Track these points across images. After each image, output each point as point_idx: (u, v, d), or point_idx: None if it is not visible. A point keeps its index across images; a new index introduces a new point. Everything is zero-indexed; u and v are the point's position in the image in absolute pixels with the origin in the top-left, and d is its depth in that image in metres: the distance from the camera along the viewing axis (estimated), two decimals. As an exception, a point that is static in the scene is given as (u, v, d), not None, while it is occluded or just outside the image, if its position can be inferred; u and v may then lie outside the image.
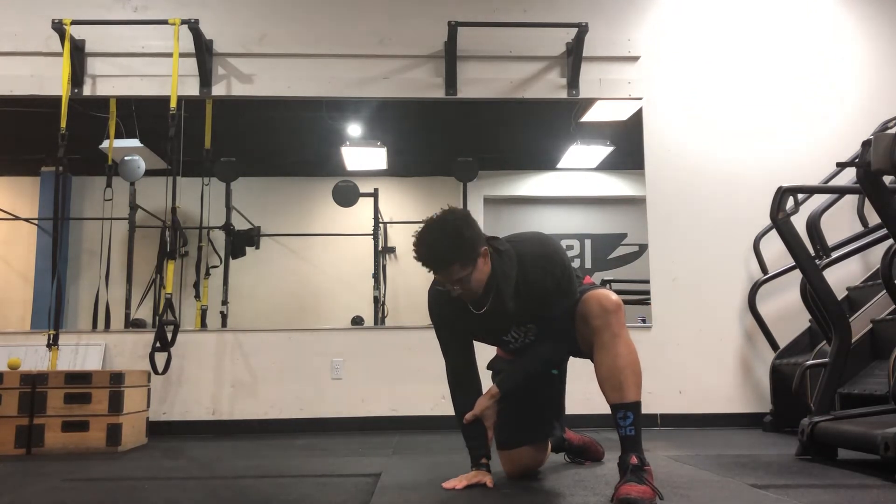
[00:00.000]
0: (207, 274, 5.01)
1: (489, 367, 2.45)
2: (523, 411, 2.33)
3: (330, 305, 5.84)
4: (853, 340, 3.02)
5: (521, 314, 2.17)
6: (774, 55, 4.49)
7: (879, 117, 4.31)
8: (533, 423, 2.36)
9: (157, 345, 3.73)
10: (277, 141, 5.55)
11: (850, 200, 4.17)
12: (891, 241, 2.86)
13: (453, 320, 2.20)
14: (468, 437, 2.22)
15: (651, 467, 1.97)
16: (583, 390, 3.83)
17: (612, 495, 1.91)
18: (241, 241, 5.34)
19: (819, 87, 4.47)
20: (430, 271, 2.05)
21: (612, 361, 2.02)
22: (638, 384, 2.02)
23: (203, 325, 4.72)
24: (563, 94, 4.40)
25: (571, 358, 2.40)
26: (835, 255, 3.49)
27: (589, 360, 2.17)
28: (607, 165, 5.49)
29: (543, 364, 2.25)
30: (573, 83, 4.36)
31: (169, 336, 3.78)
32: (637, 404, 2.01)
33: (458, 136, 5.40)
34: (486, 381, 2.31)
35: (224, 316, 5.12)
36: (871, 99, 4.44)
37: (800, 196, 2.90)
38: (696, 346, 4.22)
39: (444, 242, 1.99)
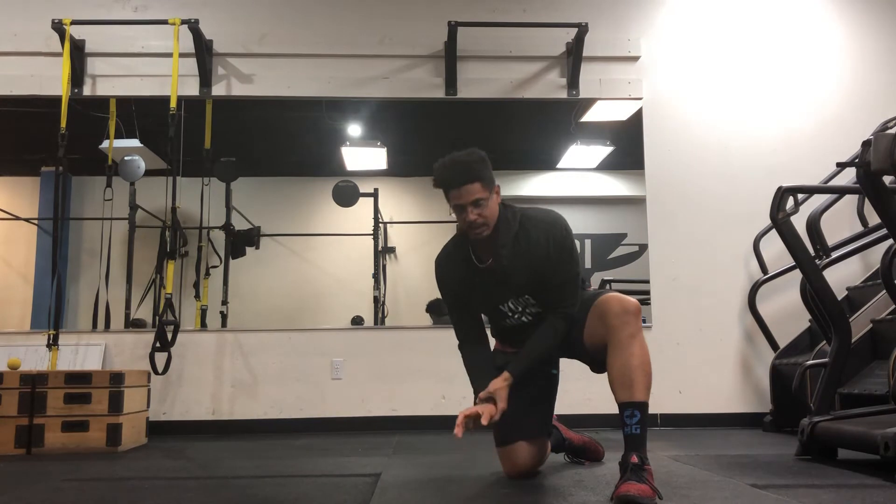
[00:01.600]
0: (207, 274, 5.01)
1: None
2: (521, 408, 2.32)
3: (330, 305, 5.84)
4: (853, 340, 3.02)
5: (519, 276, 2.21)
6: (774, 56, 4.49)
7: (879, 117, 4.31)
8: (531, 419, 2.36)
9: (157, 345, 3.73)
10: (277, 141, 5.54)
11: (850, 200, 4.17)
12: (891, 241, 2.86)
13: (457, 285, 2.28)
14: (474, 376, 2.28)
15: (651, 467, 1.97)
16: (583, 390, 3.87)
17: (612, 493, 1.91)
18: (241, 241, 5.33)
19: (819, 87, 4.47)
20: (448, 192, 2.13)
21: (626, 360, 2.04)
22: (648, 386, 2.03)
23: (203, 325, 4.71)
24: (563, 94, 4.40)
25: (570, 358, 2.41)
26: (835, 255, 3.49)
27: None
28: (607, 165, 5.48)
29: (550, 349, 2.27)
30: (573, 83, 4.36)
31: (169, 336, 3.78)
32: (645, 405, 2.02)
33: (458, 136, 5.39)
34: (466, 385, 2.33)
35: (224, 316, 5.12)
36: (872, 99, 4.44)
37: (800, 196, 2.89)
38: (696, 346, 4.22)
39: (470, 159, 2.12)
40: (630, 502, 1.84)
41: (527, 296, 2.27)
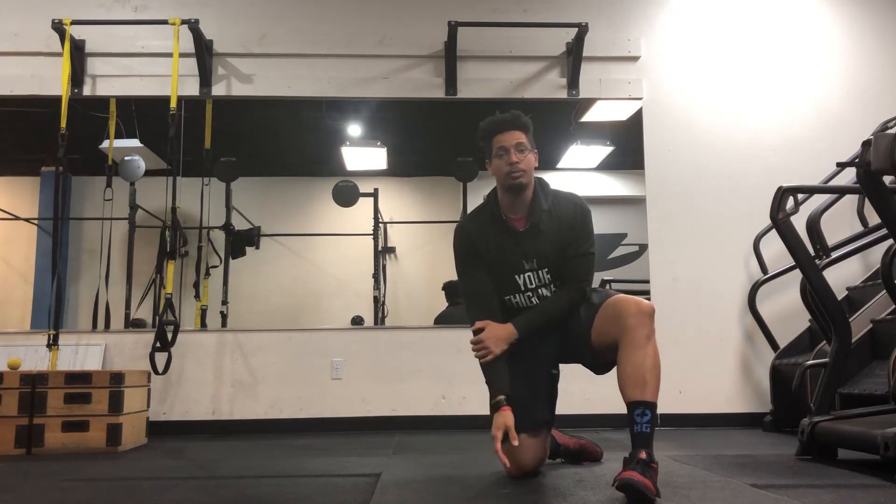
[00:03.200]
0: (207, 274, 5.01)
1: None
2: (525, 401, 2.32)
3: (330, 305, 5.84)
4: (853, 340, 3.02)
5: (546, 244, 2.29)
6: (774, 55, 4.49)
7: (880, 117, 4.31)
8: (534, 416, 2.35)
9: (157, 345, 3.73)
10: (277, 141, 5.54)
11: (850, 200, 4.17)
12: (891, 241, 2.86)
13: (481, 244, 2.31)
14: (489, 376, 2.29)
15: (658, 465, 1.97)
16: (582, 391, 3.87)
17: (615, 477, 1.91)
18: (241, 241, 5.33)
19: (819, 87, 4.47)
20: (493, 137, 2.30)
21: (641, 360, 2.08)
22: (658, 387, 2.09)
23: (203, 325, 4.71)
24: (563, 94, 4.40)
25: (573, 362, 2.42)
26: (835, 255, 3.49)
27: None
28: (607, 165, 5.48)
29: (562, 313, 2.32)
30: (573, 83, 4.36)
31: (169, 336, 3.78)
32: (655, 406, 2.06)
33: (458, 136, 5.39)
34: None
35: (224, 316, 5.12)
36: (871, 98, 4.44)
37: (800, 196, 2.89)
38: (696, 346, 4.22)
39: (519, 114, 2.32)
40: (631, 487, 1.84)
41: (546, 269, 2.32)
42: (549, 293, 2.35)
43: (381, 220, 5.69)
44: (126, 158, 4.71)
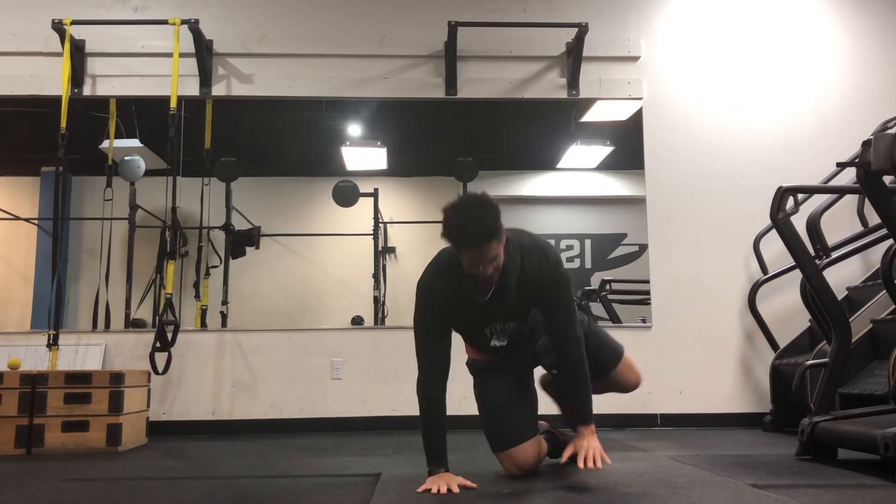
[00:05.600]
0: (207, 274, 5.01)
1: (468, 364, 2.51)
2: (518, 411, 2.37)
3: (330, 305, 5.84)
4: (853, 340, 3.02)
5: (516, 306, 2.24)
6: (774, 55, 4.49)
7: (880, 116, 4.31)
8: (528, 419, 2.40)
9: (157, 345, 3.73)
10: (277, 141, 5.54)
11: (850, 200, 4.17)
12: (891, 241, 2.86)
13: (444, 312, 2.21)
14: (430, 442, 2.21)
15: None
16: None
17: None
18: (241, 241, 5.33)
19: (819, 87, 4.47)
20: (461, 250, 2.05)
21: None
22: None
23: (203, 325, 4.71)
24: (563, 94, 4.40)
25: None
26: (835, 255, 3.49)
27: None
28: (607, 165, 5.48)
29: (587, 378, 2.27)
30: (573, 83, 4.36)
31: (169, 336, 3.78)
32: None
33: (458, 136, 5.39)
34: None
35: (224, 316, 5.11)
36: (871, 98, 4.44)
37: (800, 196, 2.89)
38: (696, 346, 4.22)
39: (485, 218, 2.01)
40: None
41: (513, 321, 2.29)
42: (518, 327, 2.31)
43: (381, 220, 5.69)
44: (126, 158, 4.71)
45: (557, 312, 2.23)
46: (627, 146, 4.69)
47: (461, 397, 4.02)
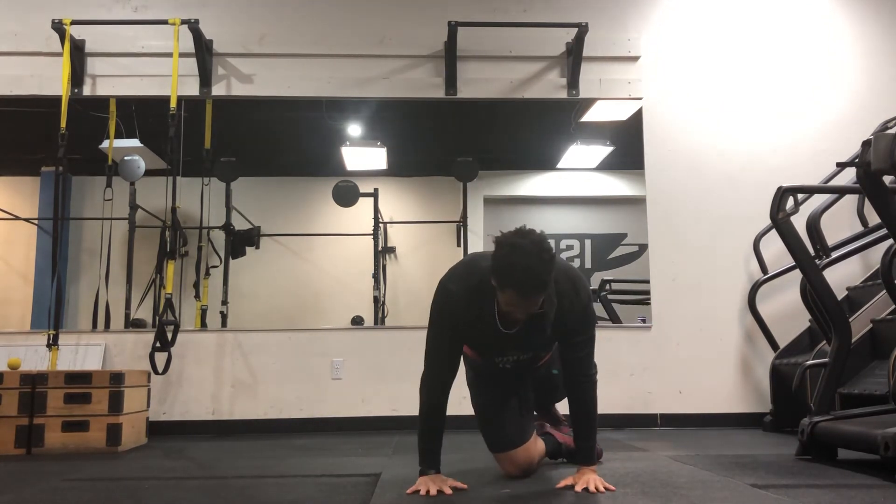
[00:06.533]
0: (207, 274, 5.01)
1: (463, 356, 2.44)
2: (515, 414, 2.37)
3: (330, 305, 5.84)
4: (853, 340, 3.02)
5: (541, 344, 2.24)
6: (774, 55, 4.49)
7: (880, 116, 4.31)
8: (525, 421, 2.40)
9: (157, 345, 3.73)
10: (277, 141, 5.54)
11: (850, 200, 4.17)
12: (891, 241, 2.86)
13: (457, 323, 2.11)
14: (426, 443, 2.19)
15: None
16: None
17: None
18: (241, 241, 5.33)
19: (819, 87, 4.47)
20: (511, 294, 1.92)
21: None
22: None
23: (203, 325, 4.71)
24: (563, 94, 4.40)
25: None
26: (835, 255, 3.49)
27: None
28: (607, 165, 5.48)
29: (596, 414, 2.23)
30: (573, 83, 4.36)
31: (169, 336, 3.78)
32: None
33: (458, 136, 5.39)
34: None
35: (224, 316, 5.12)
36: (872, 98, 4.43)
37: (800, 196, 2.90)
38: (696, 346, 4.22)
39: (544, 268, 1.89)
40: None
41: (529, 353, 2.27)
42: (533, 358, 2.30)
43: (381, 220, 5.69)
44: (126, 158, 4.71)
45: (581, 350, 2.18)
46: (627, 146, 4.69)
47: (461, 397, 4.01)
